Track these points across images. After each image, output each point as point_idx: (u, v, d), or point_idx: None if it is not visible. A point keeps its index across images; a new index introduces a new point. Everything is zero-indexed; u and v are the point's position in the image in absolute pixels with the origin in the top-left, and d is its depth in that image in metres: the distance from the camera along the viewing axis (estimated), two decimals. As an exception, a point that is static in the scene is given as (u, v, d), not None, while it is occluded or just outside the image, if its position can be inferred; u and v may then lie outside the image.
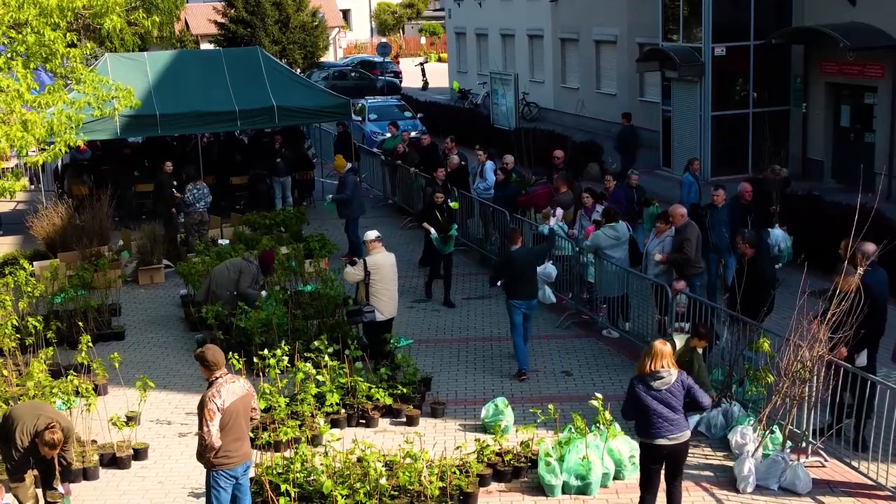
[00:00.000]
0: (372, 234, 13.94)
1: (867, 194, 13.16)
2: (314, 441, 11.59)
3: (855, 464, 10.74)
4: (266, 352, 12.80)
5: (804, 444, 11.15)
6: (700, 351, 11.76)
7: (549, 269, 15.46)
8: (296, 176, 25.14)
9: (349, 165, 21.39)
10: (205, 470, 9.38)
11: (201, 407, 9.10)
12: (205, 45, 56.72)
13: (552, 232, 16.45)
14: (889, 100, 23.63)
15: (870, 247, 11.92)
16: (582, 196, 17.55)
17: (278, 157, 24.13)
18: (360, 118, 33.20)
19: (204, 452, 9.15)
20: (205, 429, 9.01)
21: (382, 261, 13.63)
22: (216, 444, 9.01)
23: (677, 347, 11.56)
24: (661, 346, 9.44)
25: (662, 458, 9.49)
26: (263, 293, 15.75)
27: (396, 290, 13.93)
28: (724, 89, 26.97)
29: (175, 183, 21.36)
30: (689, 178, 19.50)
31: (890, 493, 10.26)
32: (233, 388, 9.17)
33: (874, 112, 24.55)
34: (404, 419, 12.49)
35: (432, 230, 17.35)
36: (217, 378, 9.18)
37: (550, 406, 11.52)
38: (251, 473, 9.91)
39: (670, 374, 9.32)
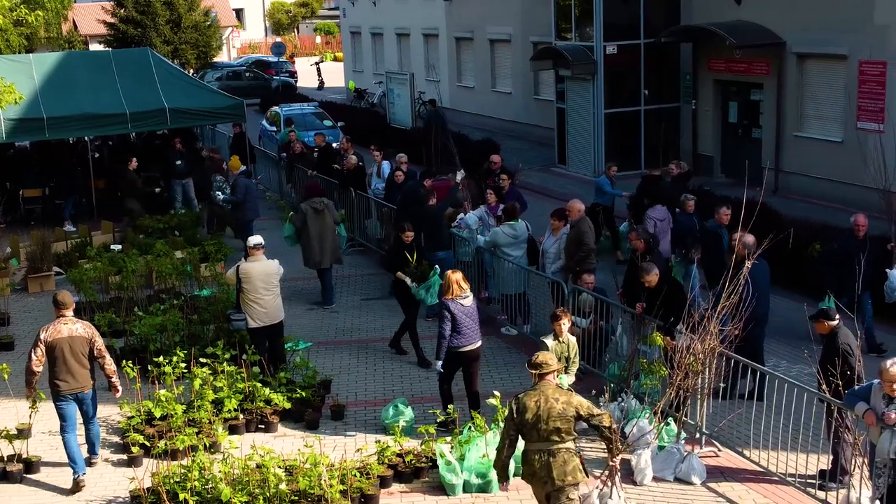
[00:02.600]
0: (252, 241, 13.56)
1: (755, 188, 13.48)
2: (213, 448, 11.44)
3: (746, 453, 11.02)
4: (162, 358, 12.61)
5: (698, 435, 11.40)
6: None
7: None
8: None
9: (243, 168, 21.18)
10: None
11: None
12: (94, 46, 55.43)
13: (456, 186, 17.67)
14: (774, 96, 24.30)
15: (749, 238, 12.33)
16: (487, 194, 17.70)
17: (178, 158, 23.75)
18: (274, 128, 32.09)
19: (27, 375, 11.04)
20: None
21: (255, 270, 13.24)
22: (33, 369, 10.93)
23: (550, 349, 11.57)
24: (453, 274, 11.91)
25: (464, 362, 11.92)
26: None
27: (273, 298, 13.38)
28: (616, 87, 27.40)
29: (140, 179, 21.85)
30: (606, 181, 19.71)
31: (778, 479, 10.55)
32: (59, 328, 10.96)
33: (760, 108, 25.23)
34: (304, 423, 12.40)
35: (409, 280, 14.41)
36: (59, 317, 11.04)
37: (450, 406, 11.56)
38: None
39: (469, 294, 11.91)
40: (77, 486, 10.95)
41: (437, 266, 14.56)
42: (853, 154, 22.32)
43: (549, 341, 11.53)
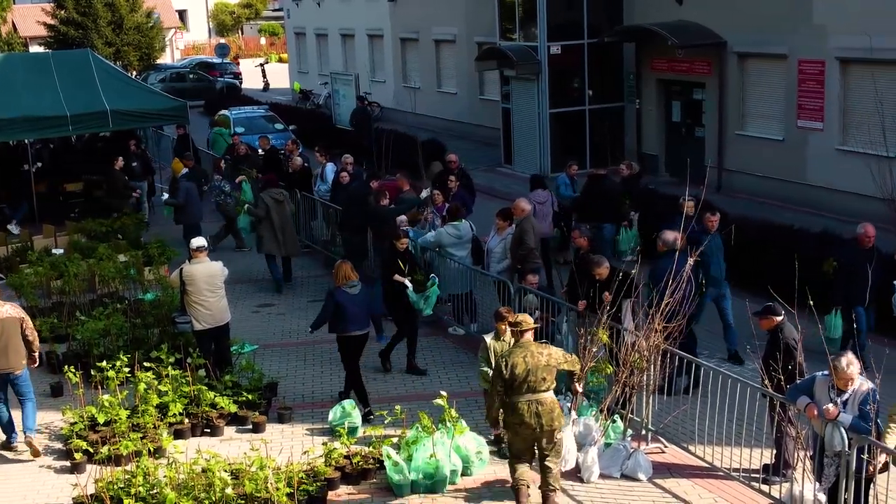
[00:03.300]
0: (195, 243, 13.50)
1: (698, 187, 13.59)
2: (157, 453, 11.32)
3: (692, 448, 11.12)
4: (105, 363, 12.44)
5: (644, 432, 11.49)
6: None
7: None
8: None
9: (185, 170, 21.03)
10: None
11: None
12: (34, 48, 54.68)
13: (418, 199, 17.83)
14: (716, 95, 24.57)
15: (669, 235, 12.52)
16: (433, 195, 17.72)
17: (134, 160, 23.54)
18: (225, 131, 31.72)
19: None
20: None
21: (198, 272, 13.17)
22: None
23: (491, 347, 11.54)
24: (342, 263, 12.76)
25: (354, 346, 12.56)
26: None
27: (218, 300, 13.31)
28: (560, 87, 27.52)
29: (127, 178, 22.12)
30: (566, 179, 19.63)
31: (723, 474, 10.67)
32: None
33: (703, 107, 25.49)
34: (250, 426, 12.32)
35: (409, 286, 14.01)
36: None
37: (397, 407, 11.54)
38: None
39: (358, 284, 12.57)
40: (7, 447, 11.90)
41: (434, 276, 14.44)
42: (794, 152, 22.66)
43: (490, 339, 11.49)
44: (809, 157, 22.35)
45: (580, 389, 10.88)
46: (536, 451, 9.99)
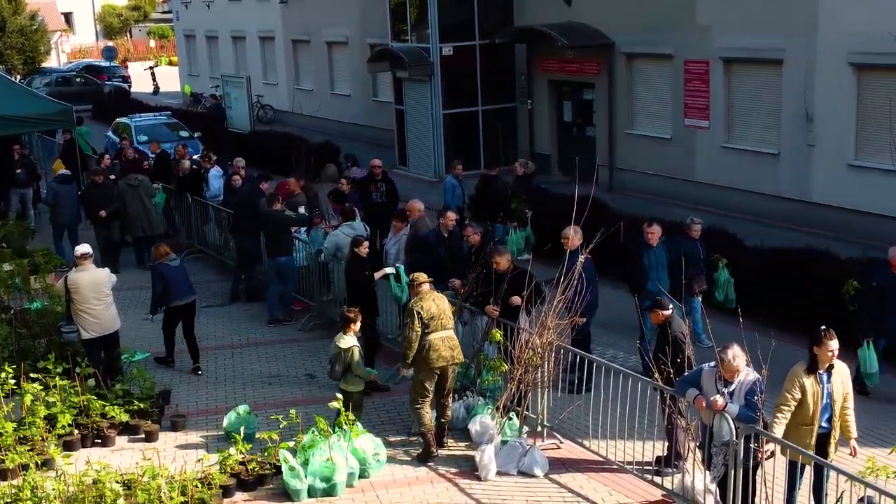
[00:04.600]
0: (79, 250, 13.25)
1: (589, 185, 13.75)
2: (46, 466, 11.00)
3: (586, 443, 11.26)
4: (-12, 375, 12.08)
5: (539, 428, 11.60)
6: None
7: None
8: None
9: (60, 172, 20.71)
10: None
11: None
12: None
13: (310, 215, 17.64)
14: (606, 95, 24.95)
15: (578, 231, 12.78)
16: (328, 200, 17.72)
17: (19, 166, 22.89)
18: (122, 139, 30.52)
19: None
20: None
21: (83, 279, 12.89)
22: None
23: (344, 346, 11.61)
24: (160, 244, 14.40)
25: (180, 316, 14.10)
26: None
27: (105, 308, 13.04)
28: (453, 88, 27.63)
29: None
30: (453, 181, 19.50)
31: (617, 467, 10.83)
32: None
33: (593, 107, 25.86)
34: (143, 435, 12.07)
35: (392, 271, 13.76)
36: None
37: (292, 411, 11.43)
38: None
39: (176, 258, 14.20)
40: None
41: (400, 266, 13.92)
42: (682, 150, 23.14)
43: (349, 340, 11.48)
44: (697, 154, 22.85)
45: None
46: (438, 388, 11.27)
